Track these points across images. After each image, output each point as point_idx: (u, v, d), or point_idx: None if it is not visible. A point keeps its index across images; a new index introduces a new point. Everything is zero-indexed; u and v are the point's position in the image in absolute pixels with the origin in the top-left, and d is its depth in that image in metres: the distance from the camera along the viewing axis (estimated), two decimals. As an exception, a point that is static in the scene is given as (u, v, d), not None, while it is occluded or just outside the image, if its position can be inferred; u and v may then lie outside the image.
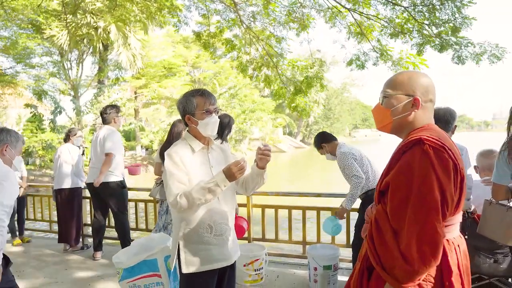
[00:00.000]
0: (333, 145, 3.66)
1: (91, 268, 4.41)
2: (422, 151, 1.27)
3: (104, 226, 4.82)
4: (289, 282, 3.90)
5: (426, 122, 1.44)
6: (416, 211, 1.23)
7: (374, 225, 1.35)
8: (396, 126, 1.46)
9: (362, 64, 6.63)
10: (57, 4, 13.31)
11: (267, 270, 4.06)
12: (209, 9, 7.26)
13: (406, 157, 1.31)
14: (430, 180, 1.23)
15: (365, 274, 1.42)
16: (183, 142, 2.04)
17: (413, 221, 1.23)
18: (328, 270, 3.64)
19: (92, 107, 18.71)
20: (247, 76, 7.90)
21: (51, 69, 19.65)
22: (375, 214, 1.38)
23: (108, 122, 4.58)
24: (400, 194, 1.28)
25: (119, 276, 2.46)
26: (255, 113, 27.27)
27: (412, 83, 1.43)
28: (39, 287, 3.90)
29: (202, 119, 1.97)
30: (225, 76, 28.79)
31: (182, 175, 1.90)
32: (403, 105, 1.42)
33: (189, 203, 1.84)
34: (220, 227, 2.00)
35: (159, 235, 2.71)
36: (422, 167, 1.25)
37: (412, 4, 5.77)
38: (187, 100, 2.01)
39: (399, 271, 1.24)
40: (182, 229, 1.97)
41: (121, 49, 17.24)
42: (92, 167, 4.62)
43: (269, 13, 7.16)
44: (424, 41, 5.89)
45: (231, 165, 1.85)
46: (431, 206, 1.22)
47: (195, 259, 1.96)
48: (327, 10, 6.72)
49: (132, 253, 2.52)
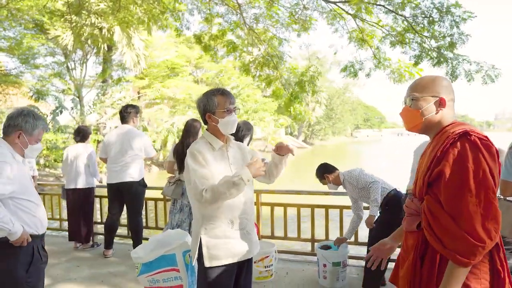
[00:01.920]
0: (336, 174, 3.78)
1: (102, 265, 4.48)
2: (470, 142, 1.40)
3: (118, 224, 4.88)
4: (299, 279, 3.96)
5: (451, 119, 1.59)
6: (477, 193, 1.34)
7: (429, 214, 1.45)
8: (426, 125, 1.60)
9: (355, 72, 6.68)
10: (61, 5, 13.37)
11: (277, 267, 4.13)
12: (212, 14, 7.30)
13: (455, 148, 1.42)
14: (483, 166, 1.37)
15: (418, 263, 1.51)
16: (203, 141, 2.09)
17: (474, 203, 1.34)
18: (337, 266, 3.70)
19: (95, 107, 18.81)
20: (250, 76, 7.96)
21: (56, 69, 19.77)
22: (426, 205, 1.48)
23: (127, 121, 4.59)
24: (455, 181, 1.38)
25: (138, 271, 2.53)
26: (257, 113, 27.34)
27: (436, 85, 1.58)
28: (53, 284, 3.96)
29: (222, 118, 2.04)
30: (227, 76, 28.88)
31: (206, 171, 1.96)
32: (431, 105, 1.57)
33: (215, 197, 1.89)
34: (241, 221, 2.07)
35: (176, 231, 2.78)
36: (474, 155, 1.38)
37: (412, 15, 5.88)
38: (208, 99, 2.06)
39: (465, 248, 1.34)
40: (203, 225, 2.03)
41: (125, 49, 17.34)
42: (114, 167, 4.54)
43: (272, 15, 7.22)
44: (423, 54, 6.01)
45: (255, 161, 1.96)
46: (488, 188, 1.36)
47: (217, 253, 2.01)
48: (329, 12, 6.79)
49: (149, 249, 2.59)
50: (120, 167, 4.49)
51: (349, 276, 3.86)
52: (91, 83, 21.01)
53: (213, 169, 1.99)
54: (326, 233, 4.41)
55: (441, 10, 5.57)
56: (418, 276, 1.50)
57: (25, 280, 2.14)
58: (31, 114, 2.31)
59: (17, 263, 2.14)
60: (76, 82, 19.66)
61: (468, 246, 1.33)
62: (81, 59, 19.97)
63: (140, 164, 4.55)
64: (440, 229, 1.41)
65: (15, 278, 2.13)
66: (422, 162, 1.62)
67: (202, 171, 1.96)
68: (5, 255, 2.14)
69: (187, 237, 2.64)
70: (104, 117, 18.91)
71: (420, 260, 1.51)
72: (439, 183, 1.44)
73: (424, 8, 5.72)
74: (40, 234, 2.31)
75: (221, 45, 7.80)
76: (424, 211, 1.49)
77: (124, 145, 4.48)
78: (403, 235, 1.69)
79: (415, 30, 5.87)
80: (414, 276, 1.51)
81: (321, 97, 42.61)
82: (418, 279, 1.50)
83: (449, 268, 1.39)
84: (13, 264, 2.14)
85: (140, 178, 4.54)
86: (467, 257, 1.34)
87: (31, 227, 2.23)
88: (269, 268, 3.92)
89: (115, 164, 4.52)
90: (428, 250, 1.49)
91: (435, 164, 1.47)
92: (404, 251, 1.65)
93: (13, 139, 2.25)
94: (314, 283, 3.84)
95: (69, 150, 5.23)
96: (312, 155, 34.17)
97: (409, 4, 5.78)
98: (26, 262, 2.17)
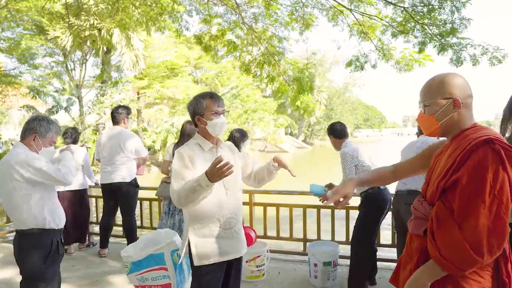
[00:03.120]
0: (339, 141, 3.73)
1: (98, 264, 4.54)
2: (493, 150, 1.33)
3: (113, 224, 4.94)
4: (290, 278, 4.01)
5: (471, 120, 1.52)
6: (490, 206, 1.29)
7: (435, 221, 1.41)
8: (444, 129, 1.53)
9: (361, 65, 6.69)
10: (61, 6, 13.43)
11: (269, 267, 4.18)
12: (210, 14, 7.33)
13: (477, 155, 1.34)
14: (503, 178, 1.30)
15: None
16: (193, 142, 2.16)
17: (485, 216, 1.29)
18: (328, 266, 3.75)
19: (95, 108, 18.87)
20: (250, 75, 7.96)
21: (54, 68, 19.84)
22: (436, 211, 1.43)
23: (118, 122, 4.64)
24: (471, 191, 1.32)
25: (128, 270, 2.58)
26: (257, 113, 27.38)
27: (446, 85, 1.50)
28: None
29: (210, 120, 2.10)
30: (227, 76, 28.92)
31: (187, 173, 2.00)
32: (445, 108, 1.50)
33: (181, 200, 1.95)
34: (229, 221, 2.12)
35: (165, 231, 2.84)
36: (494, 166, 1.31)
37: (412, 5, 5.85)
38: (197, 102, 2.13)
39: (462, 259, 1.31)
40: (191, 224, 2.09)
41: (124, 50, 17.38)
42: (105, 168, 4.61)
43: (271, 14, 7.24)
44: (426, 39, 5.94)
45: (212, 166, 1.84)
46: (502, 202, 1.30)
47: (205, 252, 2.06)
48: (330, 9, 6.79)
49: (139, 248, 2.64)
50: (111, 168, 4.56)
51: (340, 275, 3.90)
52: (91, 84, 21.07)
53: (201, 171, 1.97)
54: (318, 233, 4.46)
55: None
56: None
57: (43, 271, 2.37)
58: (46, 119, 2.58)
59: (36, 255, 2.37)
60: (75, 82, 19.72)
61: (467, 258, 1.31)
62: (80, 59, 20.03)
63: (131, 165, 4.59)
64: (441, 237, 1.37)
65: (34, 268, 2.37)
66: (438, 164, 1.55)
67: (183, 173, 2.00)
68: (25, 248, 2.37)
69: (176, 236, 2.69)
70: (103, 117, 18.97)
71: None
72: (454, 191, 1.38)
73: None
74: (60, 228, 2.56)
75: (221, 45, 7.83)
76: (432, 217, 1.45)
77: (115, 146, 4.54)
78: (408, 237, 1.64)
79: (415, 19, 5.84)
80: None
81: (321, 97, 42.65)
82: None
83: (431, 266, 1.40)
84: (32, 256, 2.36)
85: (131, 179, 4.59)
86: (461, 267, 1.32)
87: (54, 220, 2.49)
88: (261, 268, 3.96)
89: (107, 165, 4.60)
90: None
91: (454, 171, 1.40)
92: (407, 253, 1.61)
93: (29, 142, 2.50)
94: (306, 283, 3.89)
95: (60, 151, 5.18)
96: (312, 155, 34.21)
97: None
98: (44, 254, 2.40)
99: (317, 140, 51.94)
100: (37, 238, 2.42)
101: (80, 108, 19.15)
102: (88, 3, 10.28)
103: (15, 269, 4.46)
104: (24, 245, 2.42)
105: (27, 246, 2.42)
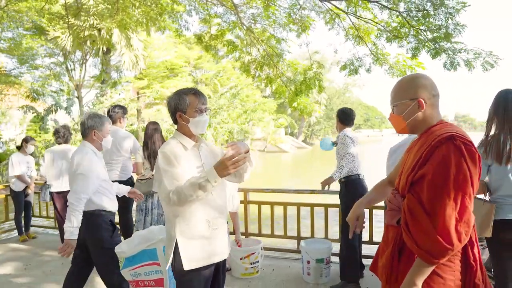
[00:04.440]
0: (342, 126, 3.92)
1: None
2: (455, 146, 1.44)
3: None
4: (284, 275, 4.06)
5: (437, 117, 1.64)
6: (455, 197, 1.41)
7: (408, 213, 1.51)
8: (411, 127, 1.66)
9: (355, 69, 6.74)
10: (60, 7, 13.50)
11: (263, 264, 4.24)
12: (210, 14, 7.39)
13: (441, 151, 1.46)
14: (464, 171, 1.42)
15: (396, 256, 1.60)
16: (175, 141, 2.05)
17: (451, 206, 1.40)
18: (321, 263, 3.80)
19: (95, 108, 18.94)
20: (250, 76, 8.02)
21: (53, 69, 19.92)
22: (407, 203, 1.53)
23: (114, 121, 4.70)
24: (437, 184, 1.44)
25: (121, 265, 2.64)
26: (256, 112, 27.44)
27: (413, 87, 1.63)
28: (42, 281, 4.09)
29: (193, 117, 2.02)
30: (226, 76, 29.01)
31: (177, 172, 1.93)
32: (410, 108, 1.62)
33: (181, 200, 1.87)
34: (217, 221, 2.04)
35: (159, 228, 2.88)
36: (456, 160, 1.43)
37: (407, 9, 5.92)
38: (180, 98, 2.04)
39: (435, 249, 1.41)
40: (178, 226, 1.97)
41: (123, 50, 17.46)
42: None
43: (269, 15, 7.30)
44: (420, 45, 6.02)
45: (224, 159, 1.83)
46: (466, 193, 1.42)
47: (196, 254, 1.97)
48: (327, 12, 6.86)
49: (133, 244, 2.70)
50: (108, 167, 4.61)
51: (332, 272, 3.95)
52: (91, 84, 21.16)
53: (187, 169, 1.97)
54: (312, 230, 4.51)
55: (435, 3, 5.60)
56: (395, 267, 1.60)
57: (110, 243, 2.79)
58: (96, 115, 2.95)
59: (103, 231, 2.81)
60: (75, 82, 19.81)
61: (440, 248, 1.41)
62: (80, 59, 20.12)
63: (126, 164, 4.65)
64: (416, 229, 1.47)
65: (104, 242, 2.79)
66: (408, 159, 1.67)
67: (173, 172, 1.93)
68: (94, 226, 2.79)
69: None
70: (103, 117, 19.05)
71: (398, 254, 1.60)
72: (422, 184, 1.49)
73: (418, 2, 5.74)
74: (114, 211, 2.96)
75: (221, 45, 7.89)
76: (404, 209, 1.55)
77: (114, 146, 4.60)
78: (384, 228, 1.76)
79: (410, 24, 5.90)
80: (391, 267, 1.61)
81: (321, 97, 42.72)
82: (396, 270, 1.60)
83: (417, 264, 1.49)
84: (101, 232, 2.80)
85: (127, 178, 4.65)
86: (437, 257, 1.42)
87: (111, 205, 2.89)
88: (255, 265, 4.01)
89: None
90: (406, 245, 1.56)
91: (420, 165, 1.52)
92: (384, 242, 1.73)
93: (91, 138, 2.87)
94: (299, 279, 3.94)
95: (53, 152, 5.17)
96: (312, 155, 34.24)
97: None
98: (109, 229, 2.83)
99: (317, 140, 52.00)
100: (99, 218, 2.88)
101: (80, 108, 19.23)
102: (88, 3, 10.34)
103: (14, 265, 4.55)
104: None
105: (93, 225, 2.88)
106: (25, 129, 20.30)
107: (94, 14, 10.97)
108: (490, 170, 2.48)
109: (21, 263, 4.62)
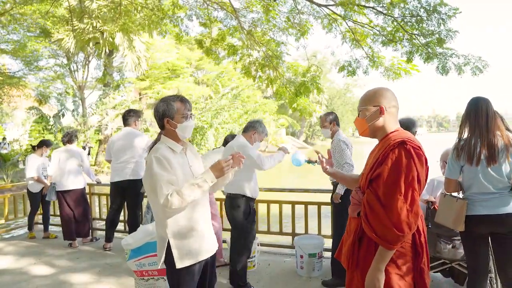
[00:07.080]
0: (335, 129, 4.09)
1: (100, 257, 4.87)
2: (406, 150, 1.70)
3: (118, 219, 5.26)
4: (279, 269, 4.31)
5: (395, 126, 1.88)
6: (405, 193, 1.67)
7: (367, 206, 1.76)
8: (372, 131, 1.91)
9: (353, 70, 6.94)
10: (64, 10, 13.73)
11: (260, 259, 4.49)
12: (210, 18, 7.60)
13: (394, 154, 1.72)
14: (413, 171, 1.68)
15: (356, 244, 1.86)
16: (164, 146, 2.15)
17: (402, 200, 1.66)
18: (313, 257, 4.05)
19: (97, 109, 19.21)
20: (251, 77, 8.20)
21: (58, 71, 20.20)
22: (366, 197, 1.78)
23: (129, 124, 4.97)
24: (391, 181, 1.69)
25: (127, 257, 2.88)
26: (257, 113, 27.61)
27: (377, 96, 1.89)
28: (55, 274, 4.35)
29: (181, 123, 2.15)
30: (228, 77, 29.21)
31: (170, 176, 2.03)
32: (373, 113, 1.88)
33: (180, 202, 1.97)
34: (204, 219, 2.21)
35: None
36: (406, 162, 1.69)
37: (401, 14, 6.14)
38: (168, 104, 2.15)
39: (390, 237, 1.66)
40: (169, 227, 2.08)
41: (126, 52, 17.69)
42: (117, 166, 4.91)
43: (269, 20, 7.51)
44: (414, 50, 6.25)
45: (221, 161, 2.06)
46: (414, 189, 1.68)
47: (188, 252, 2.09)
48: (324, 17, 7.07)
49: (138, 237, 2.94)
50: (122, 166, 4.88)
51: (324, 266, 4.18)
52: (93, 85, 21.41)
53: (178, 173, 2.08)
54: (306, 227, 4.75)
55: (428, 9, 5.82)
56: (356, 254, 1.86)
57: (246, 224, 3.58)
58: (263, 124, 3.83)
59: (241, 213, 3.58)
60: (78, 84, 20.07)
61: (393, 236, 1.65)
62: (83, 61, 20.38)
63: (140, 163, 4.90)
64: (374, 220, 1.72)
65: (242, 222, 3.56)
66: (369, 160, 1.93)
67: (168, 176, 2.02)
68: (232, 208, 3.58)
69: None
70: (106, 118, 19.32)
71: (358, 242, 1.86)
72: (378, 181, 1.75)
73: (412, 8, 5.97)
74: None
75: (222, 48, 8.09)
76: (364, 203, 1.82)
77: (126, 145, 4.89)
78: (348, 219, 2.02)
79: (404, 29, 6.13)
80: (352, 254, 1.88)
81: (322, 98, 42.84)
82: (356, 256, 1.86)
83: (379, 251, 1.74)
84: (239, 214, 3.58)
85: (140, 177, 4.88)
86: (392, 243, 1.68)
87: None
88: (251, 260, 4.26)
89: (118, 163, 4.93)
90: (365, 234, 1.82)
91: (377, 165, 1.78)
92: (347, 233, 1.98)
93: (250, 135, 3.71)
94: (293, 273, 4.18)
95: (59, 152, 5.41)
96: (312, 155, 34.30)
97: (397, 5, 6.05)
98: (246, 212, 3.59)
99: (318, 140, 52.16)
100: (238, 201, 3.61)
101: (83, 109, 19.48)
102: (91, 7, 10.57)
103: (28, 260, 4.79)
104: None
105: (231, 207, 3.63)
106: (28, 130, 20.57)
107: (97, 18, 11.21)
108: (462, 170, 2.70)
109: (32, 259, 4.88)
